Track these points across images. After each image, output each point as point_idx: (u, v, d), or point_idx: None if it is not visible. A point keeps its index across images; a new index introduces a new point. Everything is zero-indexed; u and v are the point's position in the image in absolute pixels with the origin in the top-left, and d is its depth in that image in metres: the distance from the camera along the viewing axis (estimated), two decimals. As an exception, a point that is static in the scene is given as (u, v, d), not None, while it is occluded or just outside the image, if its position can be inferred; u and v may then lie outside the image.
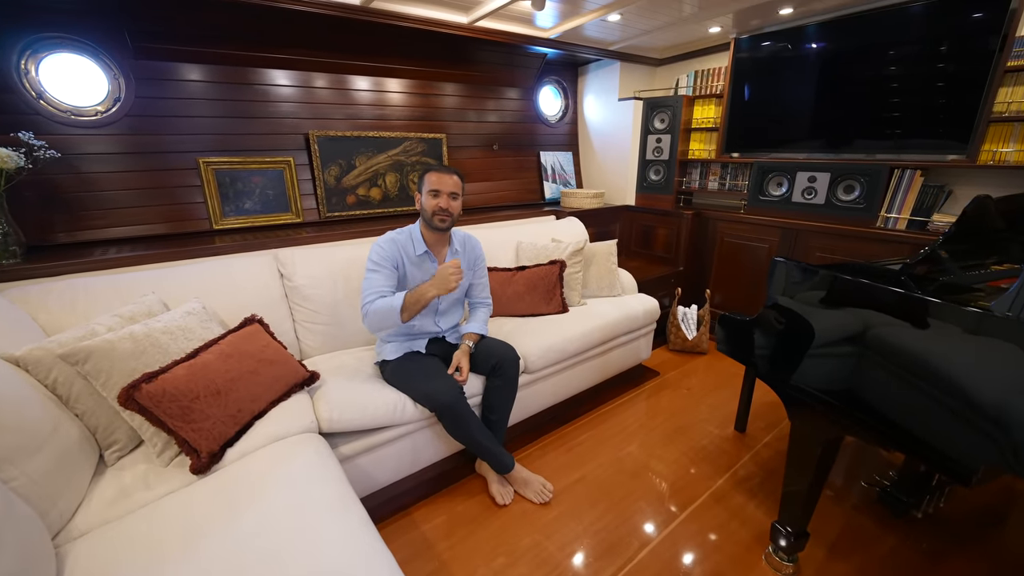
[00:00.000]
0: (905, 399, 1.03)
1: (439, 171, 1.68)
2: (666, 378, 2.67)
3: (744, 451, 2.01)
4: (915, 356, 1.00)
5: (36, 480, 1.00)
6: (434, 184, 1.65)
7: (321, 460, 1.23)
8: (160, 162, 2.11)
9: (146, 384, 1.16)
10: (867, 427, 1.11)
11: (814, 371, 1.22)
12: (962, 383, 0.91)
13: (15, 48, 1.78)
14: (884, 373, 1.07)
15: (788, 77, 2.76)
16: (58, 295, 1.47)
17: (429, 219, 1.68)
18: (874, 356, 1.08)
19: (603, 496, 1.75)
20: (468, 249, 1.88)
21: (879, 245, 2.37)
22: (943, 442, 0.96)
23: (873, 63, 2.41)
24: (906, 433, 1.04)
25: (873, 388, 1.10)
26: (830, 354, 1.19)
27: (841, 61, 2.53)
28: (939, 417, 0.96)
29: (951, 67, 2.19)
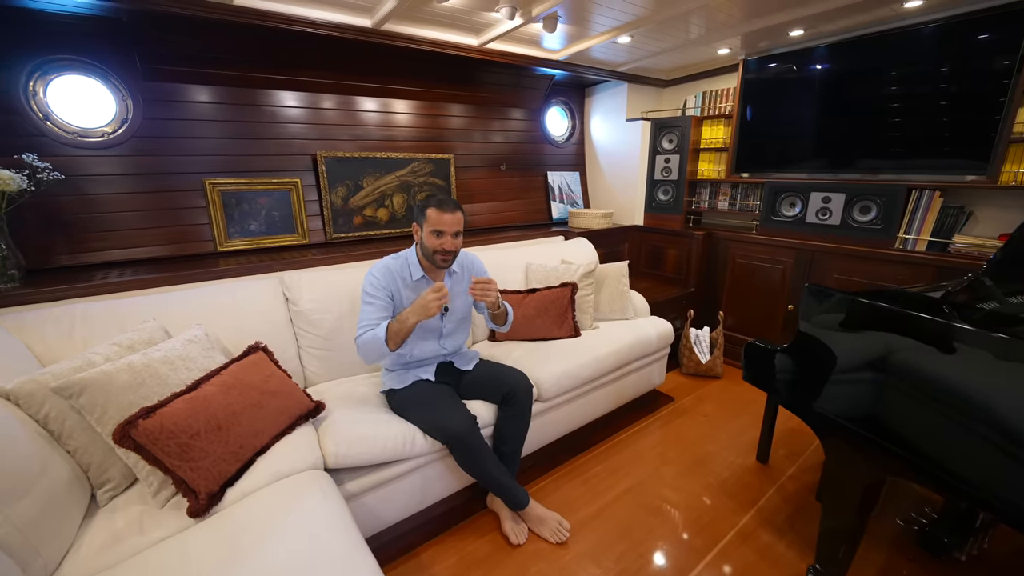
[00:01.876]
0: (953, 436, 0.96)
1: (441, 208, 1.57)
2: (681, 404, 2.58)
3: (768, 484, 1.91)
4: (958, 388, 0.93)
5: (20, 527, 0.92)
6: (436, 224, 1.57)
7: (327, 502, 1.15)
8: (166, 183, 2.07)
9: (143, 420, 1.09)
10: (913, 466, 1.03)
11: (851, 404, 1.15)
12: (1013, 418, 0.84)
13: (23, 70, 1.77)
14: (927, 407, 0.99)
15: (798, 97, 2.74)
16: (55, 322, 1.41)
17: (430, 257, 1.62)
18: (914, 389, 1.01)
19: (622, 535, 1.65)
20: (466, 269, 1.82)
21: (899, 267, 2.31)
22: (994, 482, 0.88)
23: (886, 83, 2.39)
24: (951, 473, 0.96)
25: (918, 424, 1.03)
26: (868, 386, 1.12)
27: (852, 81, 2.51)
28: (989, 455, 0.89)
29: (967, 87, 2.16)
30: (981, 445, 0.92)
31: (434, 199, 1.59)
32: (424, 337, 1.71)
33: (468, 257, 1.85)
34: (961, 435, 0.96)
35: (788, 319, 2.77)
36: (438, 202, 1.58)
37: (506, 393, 1.67)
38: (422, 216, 1.60)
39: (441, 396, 1.61)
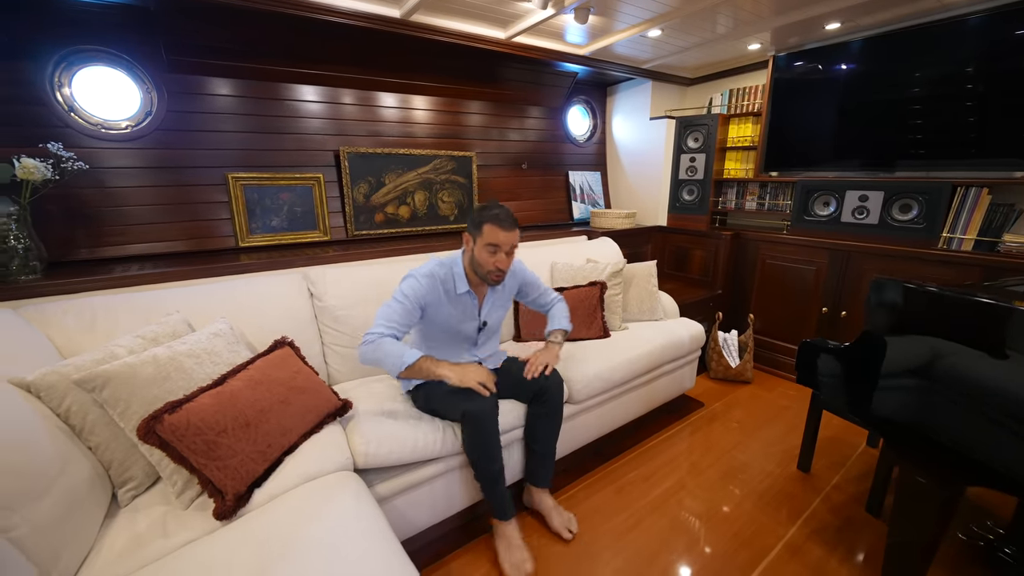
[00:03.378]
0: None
1: (502, 225, 1.45)
2: (712, 409, 2.48)
3: (813, 494, 1.81)
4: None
5: (40, 529, 0.86)
6: (492, 239, 1.45)
7: (361, 506, 1.08)
8: (188, 177, 2.04)
9: (169, 415, 1.03)
10: (995, 475, 0.94)
11: (923, 409, 1.06)
12: None
13: (50, 61, 1.74)
14: (1009, 411, 0.90)
15: (831, 94, 2.65)
16: (76, 314, 1.36)
17: (483, 274, 1.52)
18: (992, 394, 0.92)
19: (662, 547, 1.56)
20: (509, 276, 1.68)
21: (943, 268, 2.21)
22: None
23: (927, 78, 2.30)
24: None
25: (998, 429, 0.94)
26: (944, 390, 1.03)
27: (890, 76, 2.42)
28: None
29: (1016, 80, 2.06)
30: None
31: (490, 212, 1.46)
32: (456, 346, 1.64)
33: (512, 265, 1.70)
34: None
35: (822, 322, 2.67)
36: (496, 217, 1.46)
37: (537, 391, 1.59)
38: (477, 230, 1.49)
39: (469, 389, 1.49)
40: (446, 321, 1.58)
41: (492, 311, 1.67)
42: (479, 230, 1.48)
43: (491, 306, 1.66)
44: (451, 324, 1.59)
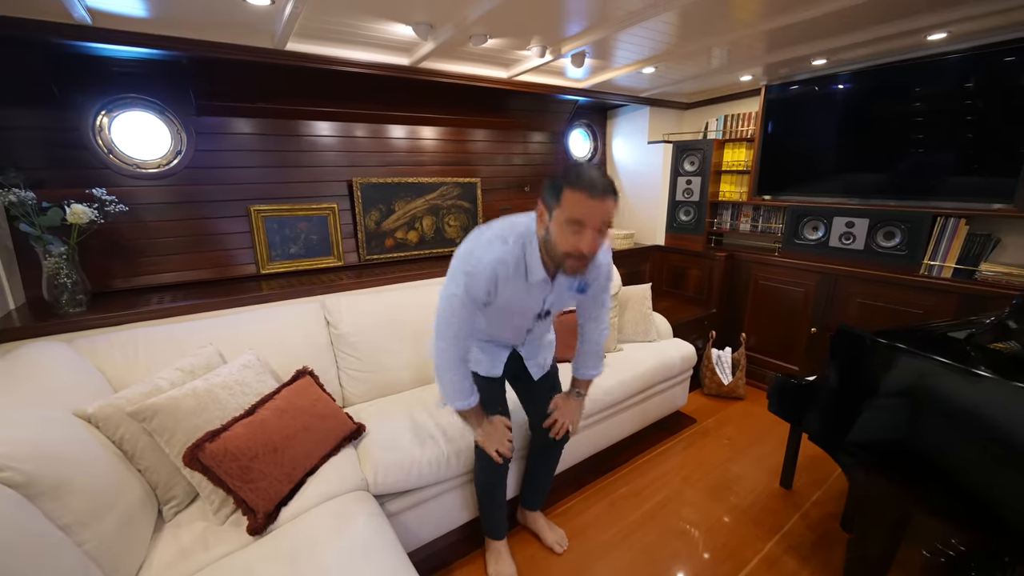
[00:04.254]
0: (974, 472, 0.99)
1: (591, 192, 1.05)
2: (704, 426, 2.61)
3: (793, 510, 1.93)
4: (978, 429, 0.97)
5: (105, 541, 1.02)
6: (578, 212, 1.06)
7: (374, 526, 1.23)
8: (213, 210, 2.21)
9: (209, 443, 1.19)
10: (934, 500, 1.07)
11: (879, 439, 1.19)
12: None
13: (92, 110, 1.92)
14: (952, 445, 1.03)
15: (821, 122, 2.77)
16: (121, 347, 1.53)
17: (557, 258, 1.15)
18: (937, 427, 1.05)
19: (649, 560, 1.69)
20: (593, 267, 1.30)
21: (923, 294, 2.32)
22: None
23: (910, 111, 2.41)
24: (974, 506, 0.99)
25: (943, 461, 1.06)
26: (895, 422, 1.16)
27: (876, 108, 2.54)
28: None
29: (993, 117, 2.17)
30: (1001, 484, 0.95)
31: (574, 174, 1.07)
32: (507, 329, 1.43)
33: (600, 268, 1.34)
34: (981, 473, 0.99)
35: (811, 341, 2.78)
36: (581, 181, 1.05)
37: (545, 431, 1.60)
38: (555, 199, 1.09)
39: (490, 399, 1.49)
40: (506, 305, 1.30)
41: (558, 298, 1.37)
42: (558, 199, 1.09)
43: (559, 292, 1.33)
44: (511, 308, 1.33)
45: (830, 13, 1.77)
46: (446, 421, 1.69)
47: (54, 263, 1.69)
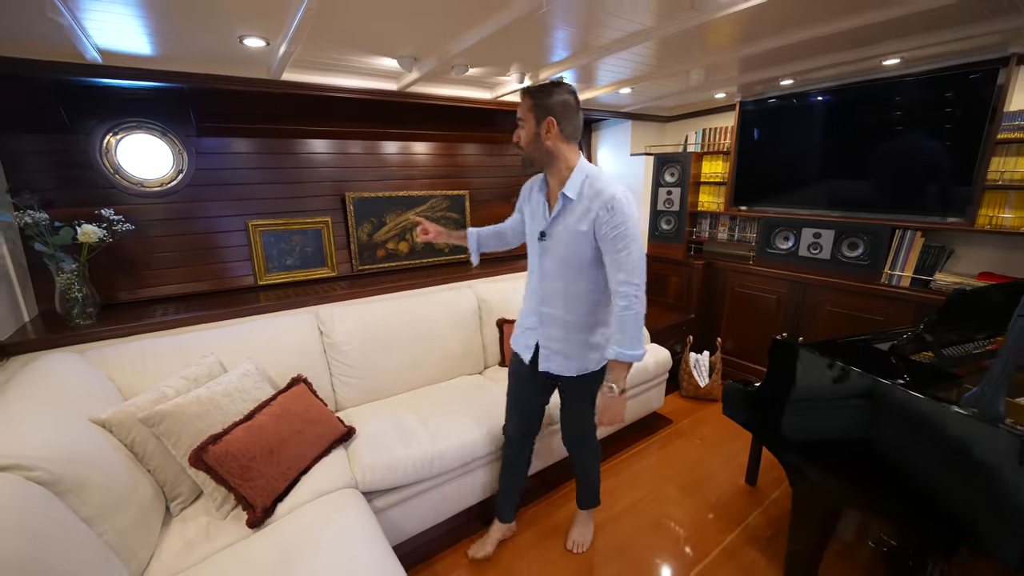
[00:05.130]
0: (894, 470, 1.14)
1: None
2: (679, 426, 2.75)
3: (754, 505, 2.07)
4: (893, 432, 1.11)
5: (121, 533, 1.16)
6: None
7: (361, 517, 1.37)
8: (213, 225, 2.34)
9: (212, 446, 1.33)
10: (861, 497, 1.21)
11: (810, 440, 1.33)
12: (933, 466, 1.02)
13: (99, 134, 2.04)
14: (869, 447, 1.17)
15: (792, 137, 2.92)
16: (130, 357, 1.67)
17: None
18: (859, 429, 1.19)
19: (620, 551, 1.83)
20: (585, 202, 1.33)
21: (884, 302, 2.46)
22: (926, 515, 1.05)
23: (871, 129, 2.56)
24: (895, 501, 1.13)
25: (864, 459, 1.21)
26: (825, 424, 1.30)
27: (841, 124, 2.69)
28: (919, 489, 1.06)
29: (945, 136, 2.32)
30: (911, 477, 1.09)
31: None
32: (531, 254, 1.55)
33: (603, 196, 1.31)
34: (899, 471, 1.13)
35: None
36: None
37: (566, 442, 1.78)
38: None
39: (517, 387, 1.67)
40: (527, 226, 1.57)
41: (557, 228, 1.41)
42: None
43: (557, 218, 1.40)
44: (528, 230, 1.56)
45: (794, 43, 1.90)
46: (432, 424, 1.83)
47: (66, 279, 1.82)
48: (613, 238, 1.30)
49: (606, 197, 1.30)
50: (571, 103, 1.35)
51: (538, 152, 1.39)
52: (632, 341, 1.33)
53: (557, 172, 1.40)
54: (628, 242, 1.30)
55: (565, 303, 1.46)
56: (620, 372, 1.38)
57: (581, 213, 1.34)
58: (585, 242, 1.36)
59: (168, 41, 1.57)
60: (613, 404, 1.41)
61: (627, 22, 1.59)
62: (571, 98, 1.35)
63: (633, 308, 1.32)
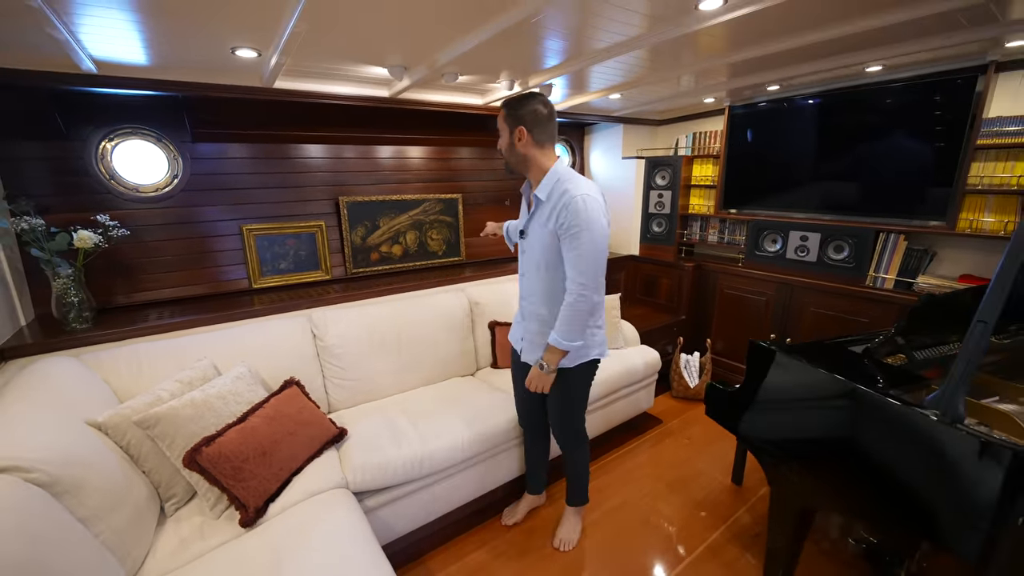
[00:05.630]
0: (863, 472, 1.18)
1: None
2: (669, 426, 2.79)
3: (740, 504, 2.12)
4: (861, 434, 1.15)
5: (117, 532, 1.19)
6: None
7: (351, 516, 1.40)
8: (208, 229, 2.37)
9: (206, 447, 1.36)
10: (835, 496, 1.25)
11: (784, 439, 1.37)
12: (898, 465, 1.06)
13: (95, 140, 2.08)
14: (842, 448, 1.22)
15: (779, 141, 2.97)
16: (126, 361, 1.70)
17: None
18: (831, 430, 1.23)
19: (607, 548, 1.87)
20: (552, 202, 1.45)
21: (868, 304, 2.51)
22: (894, 514, 1.10)
23: (857, 133, 2.60)
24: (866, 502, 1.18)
25: (835, 459, 1.25)
26: (798, 426, 1.35)
27: (827, 128, 2.73)
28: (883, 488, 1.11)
29: (928, 140, 2.37)
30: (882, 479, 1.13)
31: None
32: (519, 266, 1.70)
33: (566, 195, 1.41)
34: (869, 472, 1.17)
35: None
36: None
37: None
38: None
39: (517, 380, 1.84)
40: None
41: (531, 226, 1.55)
42: None
43: (532, 218, 1.55)
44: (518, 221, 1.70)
45: (781, 52, 1.94)
46: (423, 425, 1.87)
47: (62, 284, 1.85)
48: (567, 237, 1.42)
49: (567, 198, 1.40)
50: (541, 112, 1.47)
51: (514, 158, 1.54)
52: (569, 333, 1.47)
53: (533, 176, 1.54)
54: (579, 242, 1.40)
55: (541, 299, 1.58)
56: (553, 355, 1.52)
57: (548, 213, 1.47)
58: (554, 241, 1.47)
59: (162, 52, 1.61)
60: (540, 377, 1.57)
61: (615, 34, 1.63)
62: (542, 108, 1.48)
63: (576, 305, 1.44)
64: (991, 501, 0.93)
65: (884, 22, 1.58)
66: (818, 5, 1.46)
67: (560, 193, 1.44)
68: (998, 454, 0.92)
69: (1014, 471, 0.90)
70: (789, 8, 1.40)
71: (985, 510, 0.94)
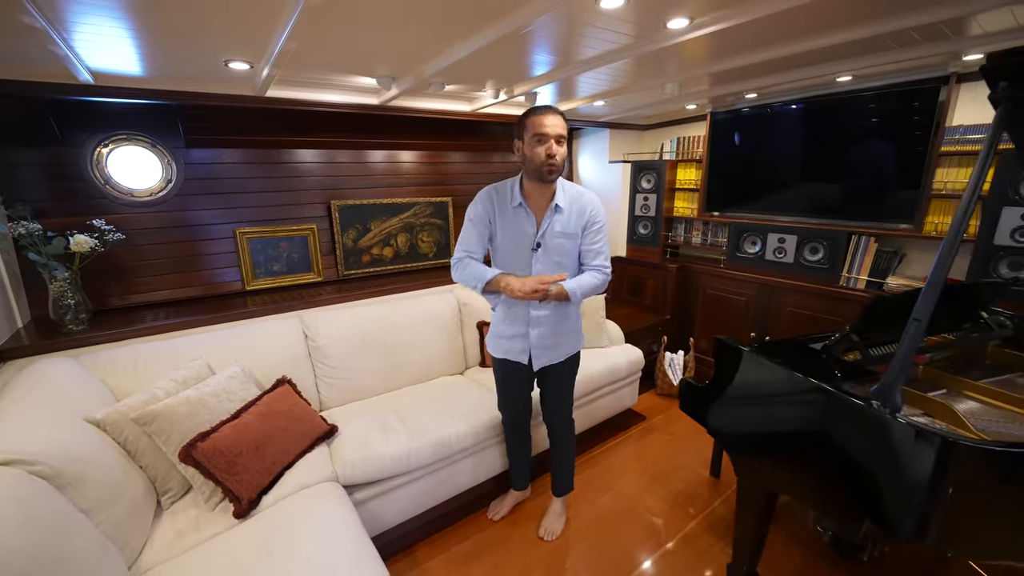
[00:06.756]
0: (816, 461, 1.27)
1: (542, 112, 1.46)
2: (652, 423, 2.88)
3: (716, 495, 2.21)
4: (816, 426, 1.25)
5: (117, 523, 1.26)
6: (538, 127, 1.45)
7: (341, 508, 1.48)
8: (202, 233, 2.43)
9: (201, 443, 1.43)
10: (793, 482, 1.34)
11: (748, 432, 1.46)
12: (846, 453, 1.15)
13: (91, 147, 2.13)
14: (799, 437, 1.31)
15: (758, 146, 3.07)
16: (122, 361, 1.76)
17: (537, 170, 1.50)
18: (789, 422, 1.32)
19: (589, 537, 1.96)
20: (576, 208, 1.58)
21: (841, 303, 2.61)
22: (841, 498, 1.19)
23: (829, 139, 2.71)
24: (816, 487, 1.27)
25: (793, 448, 1.34)
26: (762, 418, 1.43)
27: (803, 135, 2.84)
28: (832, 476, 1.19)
29: (896, 147, 2.48)
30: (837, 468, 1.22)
31: (529, 108, 1.50)
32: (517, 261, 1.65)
33: (584, 198, 1.59)
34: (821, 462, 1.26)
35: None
36: (535, 108, 1.49)
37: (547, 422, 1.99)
38: (522, 128, 1.50)
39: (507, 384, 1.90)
40: (505, 240, 1.63)
41: (551, 236, 1.59)
42: (523, 127, 1.49)
43: (550, 227, 1.59)
44: (509, 243, 1.63)
45: (755, 63, 2.02)
46: (411, 422, 1.94)
47: (59, 287, 1.90)
48: (596, 230, 1.63)
49: (587, 199, 1.63)
50: None
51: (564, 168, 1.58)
52: (584, 293, 1.63)
53: (550, 186, 1.60)
54: (604, 235, 1.66)
55: (556, 303, 1.66)
56: (559, 292, 1.57)
57: (569, 217, 1.60)
58: (574, 242, 1.63)
59: (157, 64, 1.67)
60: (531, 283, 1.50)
61: (590, 48, 1.71)
62: None
63: (604, 281, 1.66)
64: (925, 482, 1.02)
65: (844, 39, 1.68)
66: (780, 23, 1.55)
67: (575, 196, 1.62)
68: (930, 440, 1.01)
69: (943, 454, 1.00)
70: (754, 26, 1.49)
71: (920, 490, 1.03)
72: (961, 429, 1.19)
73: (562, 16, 1.36)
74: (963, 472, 1.00)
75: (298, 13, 1.17)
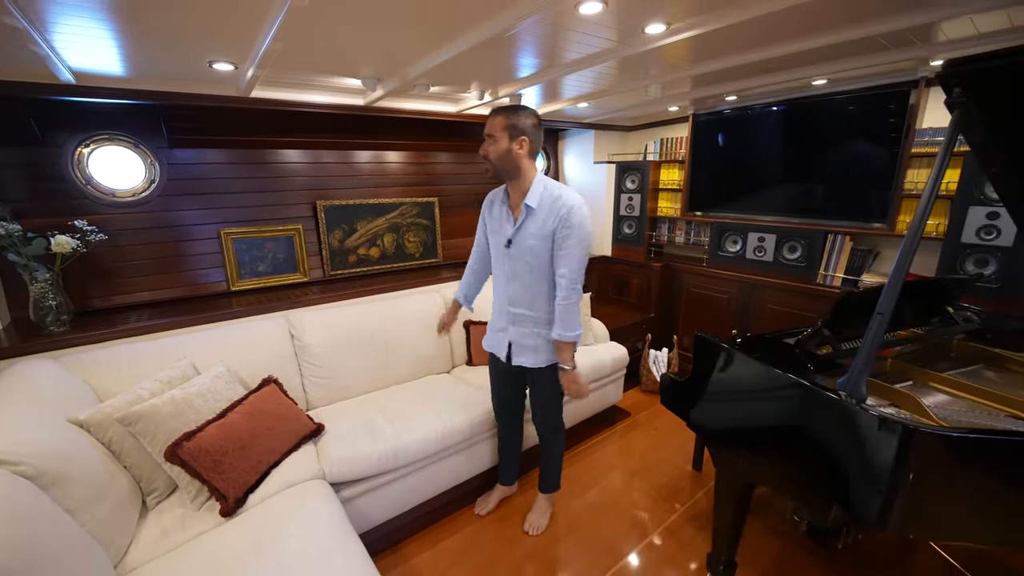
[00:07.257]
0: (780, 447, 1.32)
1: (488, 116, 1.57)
2: (637, 419, 2.94)
3: (698, 488, 2.26)
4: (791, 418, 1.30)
5: (101, 523, 1.26)
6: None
7: (327, 506, 1.49)
8: (186, 233, 2.41)
9: (186, 442, 1.44)
10: (770, 473, 1.40)
11: (726, 426, 1.51)
12: (816, 442, 1.21)
13: (72, 146, 2.11)
14: (774, 430, 1.36)
15: (739, 147, 3.14)
16: (106, 362, 1.75)
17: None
18: (765, 415, 1.38)
19: (572, 530, 2.00)
20: (552, 211, 1.55)
21: (818, 300, 2.69)
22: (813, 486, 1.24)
23: (807, 141, 2.79)
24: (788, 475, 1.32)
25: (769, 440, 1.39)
26: (738, 412, 1.48)
27: (781, 136, 2.91)
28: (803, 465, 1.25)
29: (869, 148, 2.56)
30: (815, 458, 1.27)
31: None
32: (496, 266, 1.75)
33: (560, 201, 1.55)
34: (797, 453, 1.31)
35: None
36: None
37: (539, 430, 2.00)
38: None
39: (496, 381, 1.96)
40: (491, 238, 1.75)
41: (522, 235, 1.61)
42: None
43: (522, 227, 1.61)
44: (493, 240, 1.75)
45: (733, 67, 2.08)
46: (398, 420, 1.96)
47: (40, 288, 1.88)
48: (562, 238, 1.56)
49: (562, 205, 1.55)
50: (538, 125, 1.60)
51: (508, 166, 1.57)
52: (570, 325, 1.59)
53: (519, 185, 1.61)
54: (572, 244, 1.55)
55: (530, 303, 1.69)
56: (565, 351, 1.63)
57: (543, 219, 1.57)
58: (546, 245, 1.59)
59: (140, 64, 1.66)
60: (572, 378, 1.65)
61: (573, 52, 1.75)
62: (537, 121, 1.59)
63: (569, 299, 1.58)
64: (888, 467, 1.07)
65: (816, 44, 1.74)
66: (754, 28, 1.60)
67: (552, 199, 1.56)
68: (893, 428, 1.06)
69: (905, 441, 1.05)
70: (730, 31, 1.54)
71: (884, 475, 1.08)
72: (924, 418, 1.25)
73: (543, 20, 1.40)
74: (923, 458, 1.06)
75: (283, 14, 1.18)
